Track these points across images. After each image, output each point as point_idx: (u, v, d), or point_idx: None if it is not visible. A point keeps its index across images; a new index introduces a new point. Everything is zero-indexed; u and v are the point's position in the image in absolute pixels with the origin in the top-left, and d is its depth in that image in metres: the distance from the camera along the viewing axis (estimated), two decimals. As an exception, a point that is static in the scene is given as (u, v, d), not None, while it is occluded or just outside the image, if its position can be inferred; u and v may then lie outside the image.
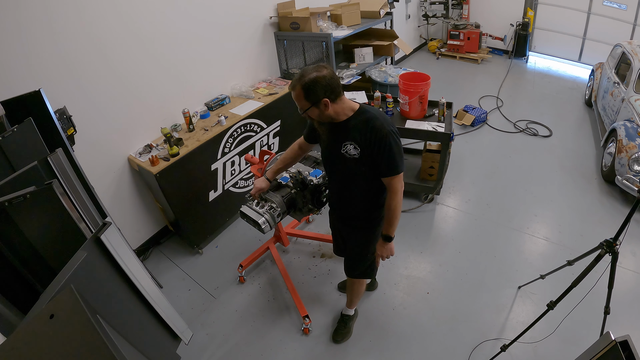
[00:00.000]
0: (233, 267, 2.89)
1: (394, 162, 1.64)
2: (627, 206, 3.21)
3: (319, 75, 1.52)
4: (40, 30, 2.16)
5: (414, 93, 3.06)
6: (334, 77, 1.56)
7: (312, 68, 1.55)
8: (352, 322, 2.44)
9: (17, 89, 1.97)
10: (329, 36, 3.47)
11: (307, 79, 1.52)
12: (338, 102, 1.61)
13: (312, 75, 1.52)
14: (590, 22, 5.66)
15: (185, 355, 2.14)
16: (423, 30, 6.93)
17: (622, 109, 3.59)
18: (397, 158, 1.63)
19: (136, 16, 2.61)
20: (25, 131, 1.71)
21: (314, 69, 1.54)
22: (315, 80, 1.52)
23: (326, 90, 1.54)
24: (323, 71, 1.54)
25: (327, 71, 1.55)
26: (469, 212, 3.30)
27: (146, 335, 1.60)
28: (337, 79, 1.58)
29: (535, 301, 2.49)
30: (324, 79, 1.53)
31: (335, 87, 1.56)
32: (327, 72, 1.54)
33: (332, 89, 1.55)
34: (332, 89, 1.55)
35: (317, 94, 1.54)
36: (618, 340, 1.03)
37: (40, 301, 1.08)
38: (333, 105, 1.59)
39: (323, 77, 1.53)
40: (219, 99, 3.30)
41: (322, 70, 1.54)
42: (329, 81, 1.54)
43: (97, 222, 1.65)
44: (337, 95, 1.59)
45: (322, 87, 1.53)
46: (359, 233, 1.97)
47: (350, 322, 2.43)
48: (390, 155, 1.61)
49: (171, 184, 2.70)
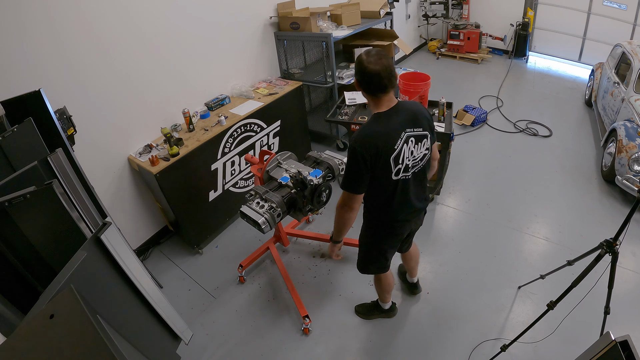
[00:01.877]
0: (233, 267, 2.89)
1: (343, 177, 1.67)
2: (627, 206, 3.21)
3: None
4: (40, 30, 2.16)
5: (414, 93, 3.06)
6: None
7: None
8: (377, 310, 2.48)
9: (17, 89, 1.97)
10: (329, 36, 3.47)
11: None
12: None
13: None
14: (590, 22, 5.66)
15: (185, 355, 2.14)
16: (423, 30, 6.93)
17: (622, 109, 3.59)
18: (345, 174, 1.64)
19: (136, 16, 2.61)
20: (25, 131, 1.71)
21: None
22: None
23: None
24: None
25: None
26: (469, 212, 3.30)
27: (146, 335, 1.60)
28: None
29: (535, 301, 2.49)
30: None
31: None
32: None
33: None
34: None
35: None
36: (618, 340, 1.03)
37: (40, 301, 1.08)
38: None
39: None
40: (219, 99, 3.30)
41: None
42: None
43: (97, 222, 1.66)
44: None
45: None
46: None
47: (375, 308, 2.48)
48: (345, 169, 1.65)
49: (171, 184, 2.70)
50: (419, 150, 1.66)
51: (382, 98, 1.58)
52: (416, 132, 1.62)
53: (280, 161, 2.44)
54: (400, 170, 1.63)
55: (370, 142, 1.55)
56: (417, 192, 1.79)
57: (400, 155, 1.60)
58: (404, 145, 1.59)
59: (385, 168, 1.59)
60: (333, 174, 2.43)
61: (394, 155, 1.58)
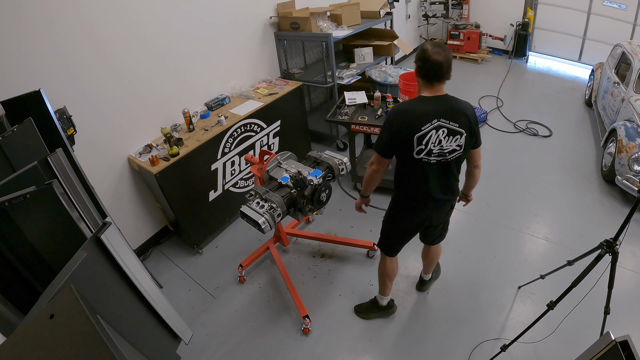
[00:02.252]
0: (233, 267, 2.89)
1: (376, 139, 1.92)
2: (627, 206, 3.21)
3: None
4: (40, 30, 2.16)
5: (414, 93, 3.06)
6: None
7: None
8: (374, 308, 2.49)
9: (17, 89, 1.97)
10: (329, 36, 3.47)
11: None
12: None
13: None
14: (590, 22, 5.65)
15: (185, 355, 2.13)
16: (423, 30, 6.92)
17: (622, 109, 3.59)
18: (378, 137, 1.88)
19: (136, 16, 2.61)
20: (25, 131, 1.71)
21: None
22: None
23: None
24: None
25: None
26: (469, 212, 3.29)
27: (146, 335, 1.60)
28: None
29: (535, 301, 2.49)
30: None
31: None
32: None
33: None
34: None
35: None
36: (618, 340, 1.03)
37: (40, 301, 1.08)
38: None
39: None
40: (219, 99, 3.30)
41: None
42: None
43: (97, 222, 1.65)
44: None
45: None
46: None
47: (373, 307, 2.49)
48: None
49: (171, 184, 2.70)
50: (449, 143, 1.75)
51: (434, 85, 1.74)
52: (451, 125, 1.72)
53: (280, 161, 2.45)
54: (422, 151, 1.75)
55: (401, 115, 1.74)
56: (440, 182, 1.88)
57: (426, 137, 1.71)
58: (433, 131, 1.71)
59: (408, 143, 1.74)
60: (333, 174, 2.43)
61: (419, 135, 1.71)
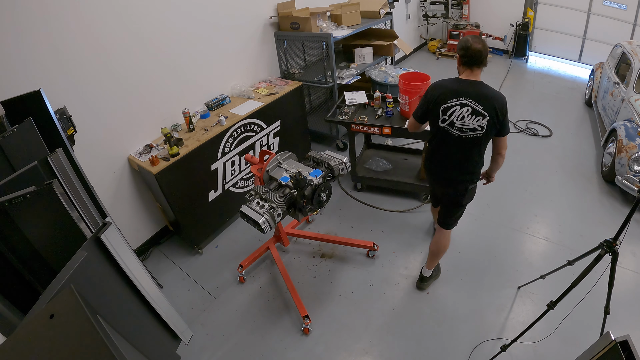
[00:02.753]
0: (233, 267, 2.89)
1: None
2: (627, 206, 3.21)
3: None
4: (40, 30, 2.16)
5: (414, 93, 3.06)
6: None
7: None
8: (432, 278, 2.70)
9: (17, 89, 1.97)
10: (329, 36, 3.47)
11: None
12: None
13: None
14: (590, 22, 5.66)
15: (185, 355, 2.14)
16: (423, 30, 6.93)
17: (622, 109, 3.59)
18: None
19: (136, 16, 2.61)
20: (25, 131, 1.71)
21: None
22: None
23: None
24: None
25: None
26: (469, 212, 3.27)
27: (146, 335, 1.60)
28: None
29: (535, 301, 2.49)
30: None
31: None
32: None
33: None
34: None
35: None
36: (618, 340, 1.03)
37: (40, 301, 1.08)
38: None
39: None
40: (219, 99, 3.30)
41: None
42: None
43: (97, 222, 1.65)
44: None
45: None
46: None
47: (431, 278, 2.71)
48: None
49: (171, 184, 2.70)
50: (471, 121, 1.99)
51: (474, 70, 2.02)
52: (476, 106, 1.96)
53: (280, 161, 2.45)
54: (445, 121, 2.03)
55: (436, 89, 2.08)
56: (457, 158, 2.15)
57: (450, 110, 2.00)
58: (458, 107, 1.98)
59: (436, 112, 2.05)
60: (333, 174, 2.43)
61: (445, 106, 2.01)
